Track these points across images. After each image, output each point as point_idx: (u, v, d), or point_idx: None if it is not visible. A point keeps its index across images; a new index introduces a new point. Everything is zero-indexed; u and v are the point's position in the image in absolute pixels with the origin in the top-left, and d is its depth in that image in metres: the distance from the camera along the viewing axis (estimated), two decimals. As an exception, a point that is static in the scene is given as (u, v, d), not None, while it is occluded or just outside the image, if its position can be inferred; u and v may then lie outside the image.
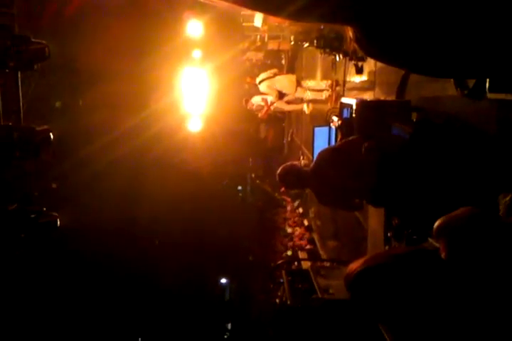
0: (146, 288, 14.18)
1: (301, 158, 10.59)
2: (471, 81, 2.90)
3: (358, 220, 6.03)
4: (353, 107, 4.20)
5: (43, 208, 6.00)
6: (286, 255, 9.99)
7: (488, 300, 1.22)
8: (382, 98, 5.16)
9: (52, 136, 5.74)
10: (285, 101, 8.19)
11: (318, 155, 2.82)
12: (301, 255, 8.96)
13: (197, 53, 13.37)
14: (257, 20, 10.15)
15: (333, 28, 5.96)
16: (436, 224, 1.40)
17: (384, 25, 0.99)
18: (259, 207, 16.02)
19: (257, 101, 8.42)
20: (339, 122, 4.74)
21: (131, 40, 13.45)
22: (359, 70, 6.25)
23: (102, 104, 13.57)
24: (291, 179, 2.82)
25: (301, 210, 11.44)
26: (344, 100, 4.72)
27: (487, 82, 1.71)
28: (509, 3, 0.92)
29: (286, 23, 9.65)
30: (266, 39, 11.66)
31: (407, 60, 1.08)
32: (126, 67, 13.49)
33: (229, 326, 16.86)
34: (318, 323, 3.35)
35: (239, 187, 20.64)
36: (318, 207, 9.17)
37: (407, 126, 2.85)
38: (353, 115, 4.20)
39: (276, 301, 5.63)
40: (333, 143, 5.37)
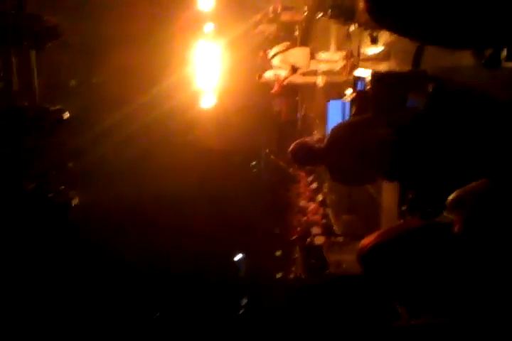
0: (162, 265, 14.40)
1: (314, 132, 10.49)
2: (487, 51, 2.78)
3: (372, 195, 5.98)
4: (368, 79, 4.10)
5: (61, 187, 6.07)
6: (300, 230, 10.03)
7: (499, 274, 1.18)
8: (397, 69, 5.03)
9: (66, 116, 5.76)
10: (300, 74, 8.06)
11: (331, 131, 2.76)
12: (315, 230, 8.97)
13: (209, 27, 13.16)
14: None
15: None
16: (450, 197, 1.36)
17: None
18: (273, 183, 16.02)
19: (270, 76, 8.32)
20: (353, 95, 4.65)
21: (142, 16, 13.27)
22: (374, 40, 6.08)
23: (114, 80, 13.53)
24: (304, 156, 2.77)
25: (315, 185, 11.41)
26: (358, 72, 4.62)
27: (504, 51, 1.63)
28: None
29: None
30: (279, 10, 11.39)
31: (419, 30, 1.02)
32: (138, 43, 13.37)
33: (244, 302, 17.12)
34: (331, 299, 3.35)
35: (253, 163, 20.61)
36: (332, 182, 9.12)
37: (422, 97, 2.77)
38: (368, 87, 4.11)
39: (291, 276, 5.68)
40: (347, 117, 5.28)
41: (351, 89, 4.68)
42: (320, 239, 6.60)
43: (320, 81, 8.32)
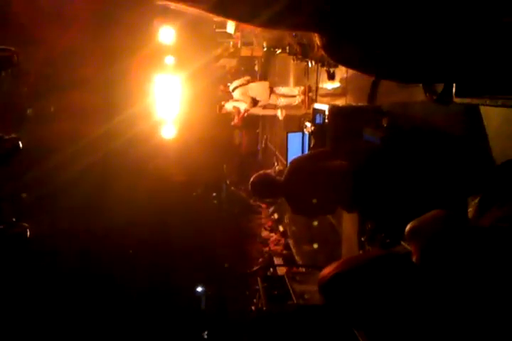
0: (118, 299, 13.92)
1: (275, 164, 10.62)
2: (439, 87, 2.96)
3: (332, 225, 6.06)
4: (326, 113, 4.24)
5: (13, 218, 5.84)
6: (261, 261, 9.97)
7: (458, 303, 1.23)
8: (353, 104, 5.23)
9: (21, 145, 5.60)
10: (260, 106, 8.22)
11: (290, 164, 2.79)
12: (277, 261, 8.95)
13: (170, 60, 13.31)
14: (230, 27, 10.18)
15: (305, 34, 6.01)
16: (407, 228, 1.41)
17: (350, 32, 1.00)
18: (235, 214, 15.97)
19: (230, 108, 8.42)
20: (312, 128, 4.78)
21: (103, 48, 13.30)
22: (331, 76, 6.32)
23: (74, 111, 13.35)
24: (264, 189, 2.77)
25: (276, 216, 11.45)
26: (317, 106, 4.77)
27: (454, 87, 1.75)
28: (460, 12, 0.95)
29: (259, 30, 9.70)
30: (239, 45, 11.70)
31: (372, 66, 1.09)
32: (99, 73, 13.33)
33: (205, 335, 16.68)
34: (293, 329, 3.34)
35: (213, 194, 20.54)
36: (294, 215, 9.19)
37: (377, 131, 2.89)
38: (326, 120, 4.24)
39: (253, 308, 5.60)
40: (306, 149, 5.40)
41: (310, 123, 4.81)
42: (282, 270, 6.58)
43: (280, 114, 8.51)
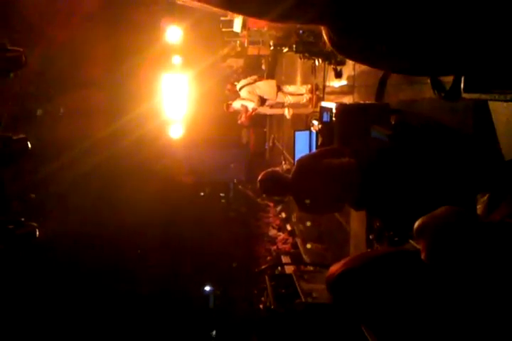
0: (127, 298, 13.99)
1: (283, 163, 10.61)
2: (447, 84, 2.94)
3: (340, 224, 6.04)
4: (333, 111, 4.22)
5: (22, 218, 5.89)
6: (269, 260, 9.97)
7: (467, 300, 1.22)
8: (361, 101, 5.21)
9: (29, 145, 5.64)
10: (267, 105, 8.20)
11: (298, 161, 2.79)
12: (285, 259, 8.94)
13: (177, 59, 13.34)
14: (237, 26, 10.17)
15: (312, 32, 5.99)
16: (416, 225, 1.40)
17: (358, 25, 0.99)
18: (242, 213, 15.98)
19: (238, 106, 8.41)
20: (319, 126, 4.76)
21: (111, 47, 13.35)
22: (338, 74, 6.30)
23: (83, 111, 13.42)
24: (272, 186, 2.77)
25: (283, 215, 11.44)
26: (324, 104, 4.75)
27: (462, 84, 1.74)
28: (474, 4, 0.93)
29: (266, 28, 9.69)
30: (246, 44, 11.69)
31: (382, 59, 1.08)
32: (107, 74, 13.39)
33: (213, 333, 16.71)
34: (302, 328, 3.33)
35: (221, 194, 20.57)
36: (301, 212, 9.18)
37: (385, 129, 2.87)
38: (333, 119, 4.23)
39: (260, 307, 5.60)
40: (313, 147, 5.39)
41: (317, 121, 4.79)
42: (290, 268, 6.57)
43: (287, 113, 8.49)
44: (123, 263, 14.33)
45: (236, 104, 8.30)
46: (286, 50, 7.32)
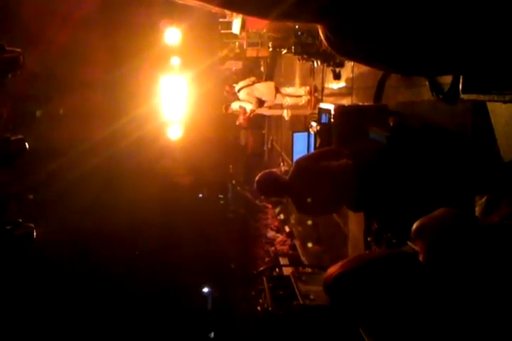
0: (125, 299, 13.97)
1: (281, 165, 10.60)
2: (445, 86, 2.94)
3: (338, 225, 6.04)
4: (331, 112, 4.22)
5: (19, 219, 5.87)
6: (267, 261, 9.95)
7: (465, 303, 1.21)
8: (359, 103, 5.21)
9: (27, 146, 5.62)
10: (266, 107, 8.21)
11: (296, 162, 2.78)
12: (283, 261, 8.93)
13: (175, 61, 13.34)
14: (235, 28, 10.16)
15: (310, 33, 5.99)
16: (414, 226, 1.39)
17: (355, 24, 0.99)
18: (241, 214, 15.97)
19: (236, 108, 8.42)
20: (318, 127, 4.76)
21: (110, 49, 13.36)
22: (337, 76, 6.30)
23: (82, 112, 13.42)
24: (269, 187, 2.76)
25: (282, 217, 11.44)
26: (322, 106, 4.75)
27: (460, 84, 1.74)
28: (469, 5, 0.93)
29: (265, 30, 9.69)
30: (245, 46, 11.69)
31: (381, 59, 1.08)
32: (106, 75, 13.39)
33: (211, 335, 16.70)
34: (299, 329, 3.32)
35: (220, 195, 20.57)
36: (299, 214, 9.17)
37: (384, 131, 2.87)
38: (331, 120, 4.23)
39: (258, 308, 5.59)
40: (312, 149, 5.39)
41: (316, 122, 4.79)
42: (288, 270, 6.56)
43: (286, 114, 8.50)
44: (121, 264, 14.31)
45: (234, 106, 8.30)
46: (285, 51, 7.32)
